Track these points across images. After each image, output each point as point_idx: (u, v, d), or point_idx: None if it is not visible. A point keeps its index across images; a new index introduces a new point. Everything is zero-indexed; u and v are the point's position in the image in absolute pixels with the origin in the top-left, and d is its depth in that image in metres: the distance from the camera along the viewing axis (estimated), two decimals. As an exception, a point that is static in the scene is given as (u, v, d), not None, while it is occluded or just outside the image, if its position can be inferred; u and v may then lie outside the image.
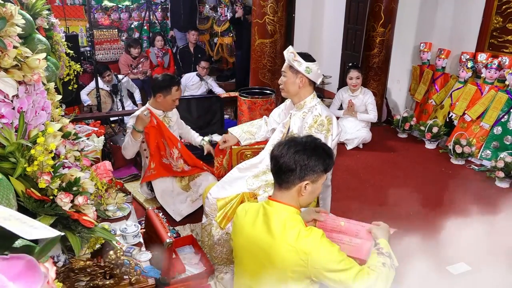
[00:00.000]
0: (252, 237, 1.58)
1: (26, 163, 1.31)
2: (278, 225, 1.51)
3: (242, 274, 1.69)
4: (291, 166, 1.52)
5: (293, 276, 1.47)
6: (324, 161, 1.55)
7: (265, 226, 1.54)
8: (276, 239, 1.48)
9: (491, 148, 4.15)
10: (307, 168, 1.52)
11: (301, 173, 1.52)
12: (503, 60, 4.19)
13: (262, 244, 1.53)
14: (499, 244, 2.59)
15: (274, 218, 1.54)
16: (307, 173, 1.53)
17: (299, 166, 1.52)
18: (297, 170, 1.52)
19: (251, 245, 1.58)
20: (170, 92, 2.97)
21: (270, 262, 1.50)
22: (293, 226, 1.49)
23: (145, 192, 3.32)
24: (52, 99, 1.87)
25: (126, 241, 1.90)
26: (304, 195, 1.56)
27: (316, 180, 1.56)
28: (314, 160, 1.53)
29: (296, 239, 1.45)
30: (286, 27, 4.19)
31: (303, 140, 1.59)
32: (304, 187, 1.54)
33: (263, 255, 1.53)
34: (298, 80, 2.33)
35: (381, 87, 5.26)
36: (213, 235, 2.44)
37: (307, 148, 1.54)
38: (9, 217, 0.73)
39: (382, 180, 3.84)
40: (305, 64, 2.29)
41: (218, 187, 2.47)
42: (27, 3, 1.89)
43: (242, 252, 1.66)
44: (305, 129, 2.31)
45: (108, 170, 2.05)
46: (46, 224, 1.26)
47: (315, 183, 1.56)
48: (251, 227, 1.59)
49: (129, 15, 7.01)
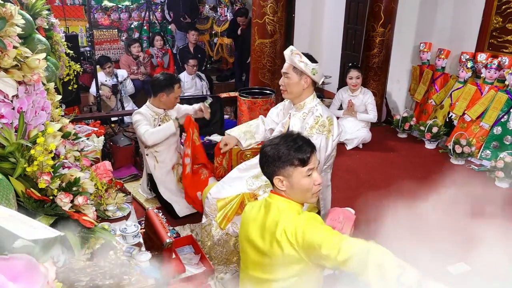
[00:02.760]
0: (254, 228, 1.62)
1: (26, 163, 1.31)
2: (274, 215, 1.55)
3: (247, 266, 1.71)
4: (261, 159, 1.58)
5: (291, 261, 1.49)
6: (290, 153, 1.51)
7: (264, 218, 1.58)
8: (272, 228, 1.51)
9: (491, 148, 4.15)
10: (274, 161, 1.53)
11: (270, 167, 1.55)
12: (502, 60, 4.19)
13: (261, 233, 1.57)
14: (499, 244, 2.58)
15: (272, 208, 1.57)
16: (275, 167, 1.54)
17: (267, 159, 1.55)
18: (265, 163, 1.56)
19: (254, 235, 1.61)
20: (172, 90, 3.00)
21: (271, 252, 1.52)
22: (287, 213, 1.52)
23: (145, 192, 3.32)
24: (52, 99, 1.87)
25: (126, 241, 1.90)
26: (286, 190, 1.56)
27: (290, 174, 1.53)
28: (284, 148, 1.52)
29: (286, 224, 1.48)
30: (286, 27, 4.19)
31: (286, 133, 1.62)
32: (280, 181, 1.55)
33: (262, 245, 1.56)
34: (302, 81, 2.31)
35: (381, 87, 5.26)
36: (213, 235, 2.44)
37: (280, 142, 1.55)
38: (9, 217, 0.73)
39: (382, 180, 3.84)
40: (312, 65, 2.27)
41: (218, 188, 2.47)
42: (27, 3, 1.89)
43: (245, 243, 1.68)
44: (306, 130, 2.30)
45: (108, 170, 2.05)
46: (46, 224, 1.26)
47: (290, 177, 1.54)
48: (254, 219, 1.63)
49: (129, 15, 7.00)
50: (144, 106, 3.12)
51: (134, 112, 3.09)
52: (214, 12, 7.14)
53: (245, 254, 1.70)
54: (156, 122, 3.07)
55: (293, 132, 1.64)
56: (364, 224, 2.87)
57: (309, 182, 1.55)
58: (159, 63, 6.16)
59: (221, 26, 6.90)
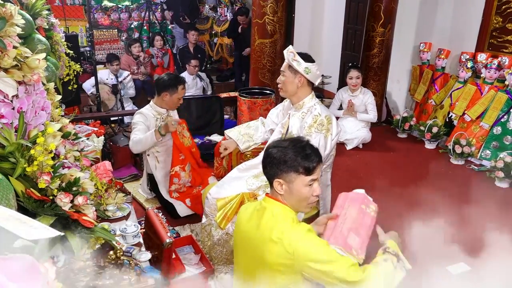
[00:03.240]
0: (245, 232, 1.60)
1: (26, 163, 1.31)
2: (268, 220, 1.52)
3: (239, 269, 1.70)
4: (265, 159, 1.56)
5: (282, 270, 1.47)
6: (296, 160, 1.50)
7: (257, 222, 1.55)
8: (265, 234, 1.49)
9: (490, 148, 4.15)
10: (279, 164, 1.51)
11: (273, 169, 1.53)
12: (502, 60, 4.19)
13: (253, 239, 1.55)
14: (499, 244, 2.58)
15: (266, 213, 1.55)
16: (278, 170, 1.52)
17: (271, 160, 1.53)
18: (269, 164, 1.54)
19: (245, 240, 1.60)
20: (176, 91, 3.00)
21: (261, 257, 1.50)
22: (282, 220, 1.50)
23: (145, 192, 3.32)
24: (52, 99, 1.87)
25: (126, 241, 1.91)
26: (284, 194, 1.54)
27: (292, 180, 1.51)
28: (292, 153, 1.51)
29: (282, 232, 1.45)
30: (286, 27, 4.19)
31: (295, 138, 1.60)
32: (279, 184, 1.53)
33: (255, 250, 1.54)
34: (296, 80, 2.33)
35: (381, 87, 5.26)
36: (213, 235, 2.44)
37: (288, 146, 1.53)
38: (9, 217, 0.73)
39: (382, 180, 3.84)
40: (304, 64, 2.29)
41: (218, 187, 2.48)
42: (27, 3, 1.89)
43: (238, 248, 1.68)
44: (305, 129, 2.30)
45: (108, 170, 2.05)
46: (46, 224, 1.26)
47: (291, 183, 1.52)
48: (246, 224, 1.61)
49: (129, 15, 7.00)
50: (147, 106, 3.12)
51: (136, 112, 3.10)
52: (214, 12, 7.14)
53: (238, 257, 1.69)
54: (158, 122, 3.07)
55: (303, 138, 1.61)
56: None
57: (309, 191, 1.54)
58: (159, 63, 6.16)
59: (221, 26, 6.90)
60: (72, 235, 1.36)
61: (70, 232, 1.37)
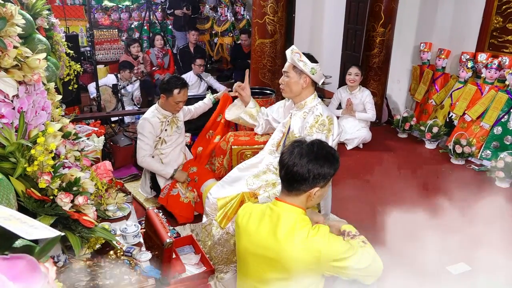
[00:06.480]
0: (257, 240, 1.59)
1: (26, 163, 1.31)
2: (286, 227, 1.53)
3: (247, 276, 1.69)
4: (304, 175, 1.54)
5: (306, 274, 1.52)
6: (335, 167, 1.59)
7: (271, 229, 1.55)
8: (284, 242, 1.50)
9: (491, 148, 4.15)
10: (319, 177, 1.56)
11: (314, 182, 1.56)
12: (503, 60, 4.19)
13: (269, 247, 1.54)
14: (499, 244, 2.58)
15: (282, 219, 1.55)
16: (319, 181, 1.56)
17: (312, 175, 1.54)
18: (310, 179, 1.55)
19: (257, 248, 1.59)
20: (171, 94, 2.95)
21: (281, 265, 1.52)
22: (302, 226, 1.52)
23: (145, 192, 3.32)
24: (52, 99, 1.87)
25: (126, 241, 1.90)
26: (314, 199, 1.61)
27: (325, 184, 1.61)
28: (327, 168, 1.56)
29: (306, 239, 1.48)
30: (286, 27, 4.19)
31: (313, 148, 1.59)
32: (314, 193, 1.58)
33: (271, 258, 1.54)
34: (302, 80, 2.33)
35: (381, 87, 5.26)
36: (213, 235, 2.44)
37: (318, 157, 1.56)
38: (9, 217, 0.73)
39: (382, 180, 3.84)
40: (311, 65, 2.29)
41: (218, 187, 2.48)
42: (27, 3, 1.89)
43: (246, 254, 1.66)
44: (306, 129, 2.30)
45: (108, 170, 2.05)
46: (46, 224, 1.26)
47: (324, 187, 1.61)
48: (256, 230, 1.60)
49: (129, 15, 7.01)
50: (152, 108, 3.08)
51: (142, 118, 3.08)
52: (214, 12, 7.15)
53: (246, 264, 1.67)
54: (163, 126, 3.06)
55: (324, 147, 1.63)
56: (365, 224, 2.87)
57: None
58: (159, 64, 6.16)
59: (221, 26, 6.91)
60: (72, 235, 1.36)
61: (70, 232, 1.37)
